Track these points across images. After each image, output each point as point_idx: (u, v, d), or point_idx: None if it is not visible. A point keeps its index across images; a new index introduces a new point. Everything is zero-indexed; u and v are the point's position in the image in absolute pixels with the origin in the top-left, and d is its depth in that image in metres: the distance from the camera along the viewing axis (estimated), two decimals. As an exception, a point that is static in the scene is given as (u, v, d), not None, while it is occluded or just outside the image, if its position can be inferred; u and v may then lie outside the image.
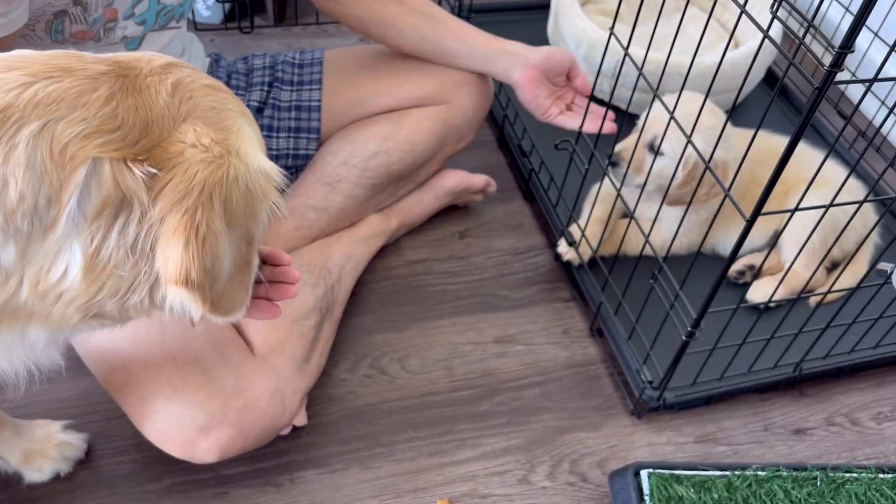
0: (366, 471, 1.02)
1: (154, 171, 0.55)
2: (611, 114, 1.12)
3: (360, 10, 1.11)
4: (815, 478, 1.00)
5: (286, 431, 1.01)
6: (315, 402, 1.07)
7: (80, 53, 0.59)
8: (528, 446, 1.07)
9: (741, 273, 1.24)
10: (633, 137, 1.15)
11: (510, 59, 1.15)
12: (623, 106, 1.25)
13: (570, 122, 1.16)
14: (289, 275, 0.77)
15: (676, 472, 0.98)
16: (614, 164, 1.14)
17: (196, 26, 1.67)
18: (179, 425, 0.85)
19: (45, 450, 0.95)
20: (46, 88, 0.53)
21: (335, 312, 1.09)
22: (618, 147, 1.14)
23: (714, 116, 1.10)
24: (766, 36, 0.77)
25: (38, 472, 0.94)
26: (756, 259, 1.24)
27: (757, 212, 0.83)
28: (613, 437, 1.09)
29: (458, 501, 1.00)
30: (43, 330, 0.61)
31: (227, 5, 1.69)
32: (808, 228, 0.95)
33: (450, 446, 1.06)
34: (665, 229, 1.19)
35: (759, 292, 1.19)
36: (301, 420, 1.03)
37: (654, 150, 1.10)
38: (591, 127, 1.14)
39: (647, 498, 0.95)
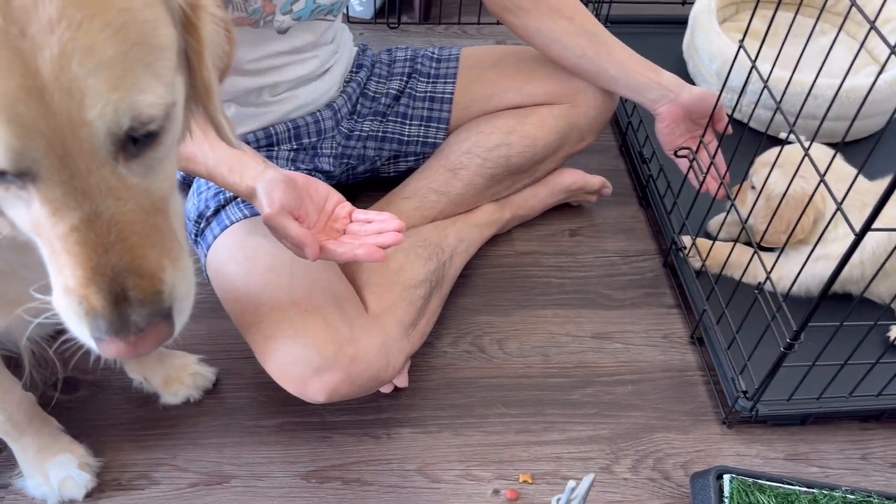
0: (456, 437, 1.09)
1: None
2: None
3: (531, 21, 1.18)
4: (909, 510, 0.97)
5: (388, 390, 1.10)
6: (417, 369, 1.15)
7: None
8: (615, 439, 1.10)
9: None
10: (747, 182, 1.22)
11: (662, 92, 1.19)
12: (753, 124, 1.26)
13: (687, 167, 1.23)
14: (387, 223, 0.89)
15: (760, 481, 0.98)
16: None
17: (349, 19, 1.81)
18: (296, 364, 0.95)
19: (182, 377, 1.08)
20: None
21: (444, 288, 1.16)
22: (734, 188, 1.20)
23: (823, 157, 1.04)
24: (892, 51, 0.78)
25: (173, 395, 1.08)
26: None
27: (866, 227, 0.83)
28: (701, 442, 1.11)
29: (540, 479, 1.05)
30: None
31: (379, 2, 1.82)
32: None
33: (538, 427, 1.11)
34: (785, 267, 1.16)
35: None
36: (403, 382, 1.11)
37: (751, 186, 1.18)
38: (708, 187, 1.19)
39: (726, 501, 0.96)
